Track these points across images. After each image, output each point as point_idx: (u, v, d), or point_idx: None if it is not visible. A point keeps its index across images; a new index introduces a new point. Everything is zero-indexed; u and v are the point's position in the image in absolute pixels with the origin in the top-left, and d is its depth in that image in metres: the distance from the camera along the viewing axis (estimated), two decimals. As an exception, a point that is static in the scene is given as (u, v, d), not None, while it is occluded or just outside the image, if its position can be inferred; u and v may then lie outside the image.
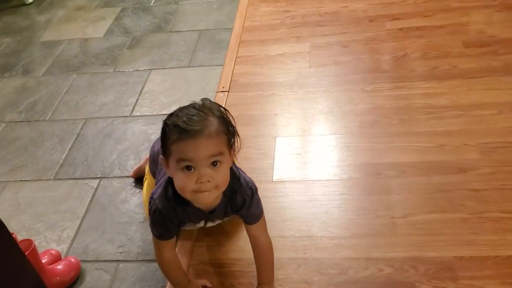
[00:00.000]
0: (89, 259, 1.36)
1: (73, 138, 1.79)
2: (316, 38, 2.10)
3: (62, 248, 1.40)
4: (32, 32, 2.53)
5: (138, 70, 2.10)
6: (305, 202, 1.39)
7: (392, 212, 1.32)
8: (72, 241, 1.42)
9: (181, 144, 0.91)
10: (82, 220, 1.48)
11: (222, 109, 0.98)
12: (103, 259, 1.36)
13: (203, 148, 0.91)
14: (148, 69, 2.10)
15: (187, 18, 2.45)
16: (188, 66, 2.08)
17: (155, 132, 1.75)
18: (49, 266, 1.28)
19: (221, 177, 0.96)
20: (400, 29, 2.05)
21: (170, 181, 1.03)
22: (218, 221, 1.18)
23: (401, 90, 1.73)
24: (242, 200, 1.08)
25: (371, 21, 2.13)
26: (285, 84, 1.87)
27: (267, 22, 2.28)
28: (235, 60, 2.05)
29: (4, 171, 1.71)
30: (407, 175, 1.41)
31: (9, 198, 1.60)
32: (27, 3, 2.82)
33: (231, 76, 1.96)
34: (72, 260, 1.32)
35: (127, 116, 1.85)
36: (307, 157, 1.54)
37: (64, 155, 1.72)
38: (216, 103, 0.99)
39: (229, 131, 0.97)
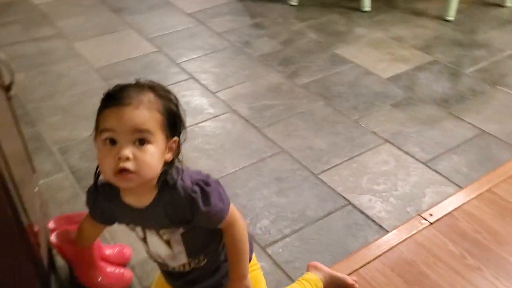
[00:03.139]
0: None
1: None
2: None
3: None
4: (336, 39, 2.44)
5: (375, 132, 1.79)
6: None
7: None
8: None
9: (106, 112, 0.83)
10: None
11: (172, 95, 0.89)
12: None
13: (127, 117, 0.81)
14: (384, 140, 1.75)
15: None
16: (424, 163, 1.64)
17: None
18: (103, 263, 1.24)
19: (146, 159, 0.82)
20: None
21: None
22: (163, 236, 0.96)
23: None
24: (187, 199, 0.89)
25: None
26: None
27: None
28: (482, 194, 1.50)
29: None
30: None
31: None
32: (363, 9, 2.73)
33: (454, 209, 1.44)
34: (125, 272, 1.25)
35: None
36: None
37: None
38: (167, 88, 0.89)
39: (168, 114, 0.86)
